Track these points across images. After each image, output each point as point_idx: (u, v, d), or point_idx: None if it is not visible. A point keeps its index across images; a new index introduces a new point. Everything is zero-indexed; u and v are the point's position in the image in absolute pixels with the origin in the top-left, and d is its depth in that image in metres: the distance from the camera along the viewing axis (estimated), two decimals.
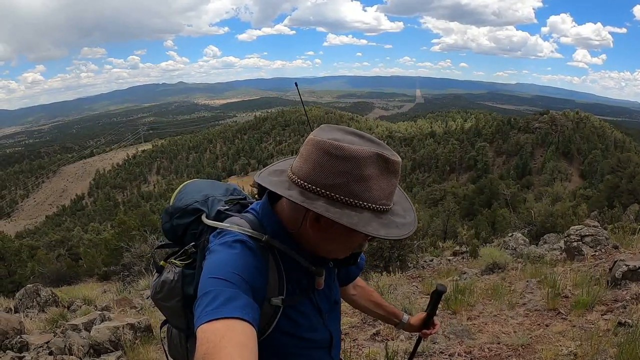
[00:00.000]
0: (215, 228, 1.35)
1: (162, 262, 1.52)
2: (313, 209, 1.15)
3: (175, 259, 1.48)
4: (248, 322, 1.04)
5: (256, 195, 1.54)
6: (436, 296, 1.83)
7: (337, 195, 1.16)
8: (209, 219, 1.43)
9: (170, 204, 1.59)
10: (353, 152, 1.15)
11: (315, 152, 1.19)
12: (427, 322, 1.91)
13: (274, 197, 1.35)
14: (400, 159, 1.25)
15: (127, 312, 7.28)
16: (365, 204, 1.17)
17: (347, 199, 1.16)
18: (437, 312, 1.92)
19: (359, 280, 1.88)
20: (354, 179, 1.16)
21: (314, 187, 1.18)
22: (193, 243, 1.46)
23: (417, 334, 1.97)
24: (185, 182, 1.69)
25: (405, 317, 1.95)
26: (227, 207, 1.48)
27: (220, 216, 1.43)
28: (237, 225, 1.30)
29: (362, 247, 1.36)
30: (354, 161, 1.15)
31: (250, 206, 1.45)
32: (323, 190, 1.17)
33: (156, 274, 1.54)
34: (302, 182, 1.20)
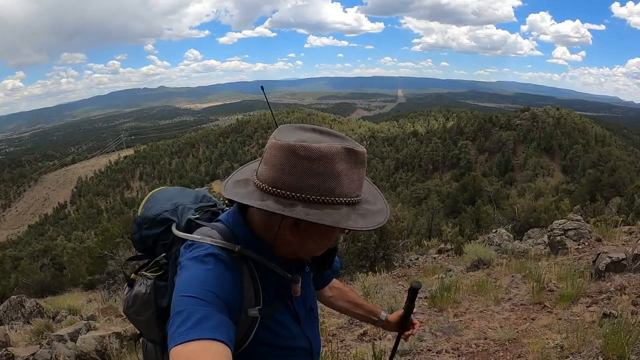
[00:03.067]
0: (186, 239, 1.31)
1: (133, 275, 1.48)
2: (294, 215, 1.13)
3: (146, 271, 1.44)
4: (222, 342, 1.02)
5: (226, 202, 1.52)
6: (411, 293, 1.82)
7: (312, 196, 1.15)
8: (179, 228, 1.40)
9: (139, 213, 1.55)
10: (323, 151, 1.13)
11: (283, 156, 1.16)
12: (406, 320, 1.89)
13: (244, 205, 1.30)
14: (364, 150, 1.23)
15: (113, 321, 7.23)
16: (340, 199, 1.17)
17: (323, 197, 1.15)
18: (416, 309, 1.91)
19: (335, 282, 1.86)
20: (328, 176, 1.15)
21: (288, 192, 1.16)
22: (164, 254, 1.43)
23: (398, 333, 1.95)
24: (153, 190, 1.64)
25: (383, 314, 1.93)
26: (197, 215, 1.45)
27: (191, 225, 1.39)
28: (208, 236, 1.26)
29: (338, 240, 1.37)
30: (324, 159, 1.14)
31: (221, 215, 1.41)
32: (298, 194, 1.15)
33: (127, 288, 1.50)
34: (274, 189, 1.17)
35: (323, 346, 4.79)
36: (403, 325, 1.90)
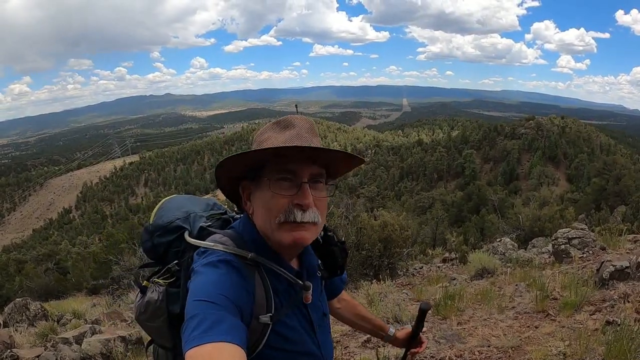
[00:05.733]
0: (198, 246, 1.35)
1: (145, 282, 1.49)
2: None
3: (158, 278, 1.45)
4: (236, 344, 1.04)
5: (235, 209, 1.57)
6: (420, 313, 1.84)
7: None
8: (191, 236, 1.43)
9: (150, 221, 1.57)
10: (257, 132, 1.43)
11: None
12: (414, 339, 1.92)
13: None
14: (293, 116, 1.39)
15: (117, 325, 7.26)
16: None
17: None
18: (424, 328, 1.92)
19: (344, 294, 1.88)
20: (256, 145, 1.37)
21: None
22: (176, 261, 1.44)
23: (405, 350, 1.96)
24: (165, 199, 1.67)
25: (392, 330, 1.96)
26: (209, 223, 1.48)
27: (203, 233, 1.42)
28: (221, 243, 1.30)
29: (298, 202, 1.29)
30: (256, 137, 1.41)
31: (234, 222, 1.46)
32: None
33: (139, 295, 1.51)
34: None
35: None
36: (411, 342, 1.92)
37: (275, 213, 1.28)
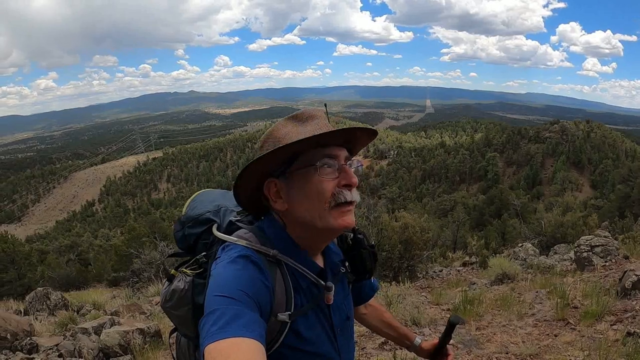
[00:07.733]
0: (224, 240, 1.35)
1: (172, 271, 1.51)
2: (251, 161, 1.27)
3: (186, 268, 1.47)
4: (254, 339, 1.04)
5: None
6: (449, 326, 1.80)
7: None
8: (220, 229, 1.44)
9: (183, 213, 1.60)
10: (269, 129, 1.37)
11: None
12: (440, 351, 1.87)
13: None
14: (310, 108, 1.38)
15: (136, 318, 7.31)
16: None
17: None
18: (452, 341, 1.87)
19: (372, 300, 1.85)
20: (273, 143, 1.32)
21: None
22: (204, 253, 1.46)
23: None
24: (198, 192, 1.70)
25: (418, 339, 1.90)
26: (239, 218, 1.48)
27: (232, 227, 1.43)
28: (244, 239, 1.30)
29: (345, 182, 1.30)
30: (269, 135, 1.36)
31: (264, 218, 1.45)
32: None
33: (166, 282, 1.52)
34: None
35: None
36: (436, 354, 1.88)
37: (326, 197, 1.27)
